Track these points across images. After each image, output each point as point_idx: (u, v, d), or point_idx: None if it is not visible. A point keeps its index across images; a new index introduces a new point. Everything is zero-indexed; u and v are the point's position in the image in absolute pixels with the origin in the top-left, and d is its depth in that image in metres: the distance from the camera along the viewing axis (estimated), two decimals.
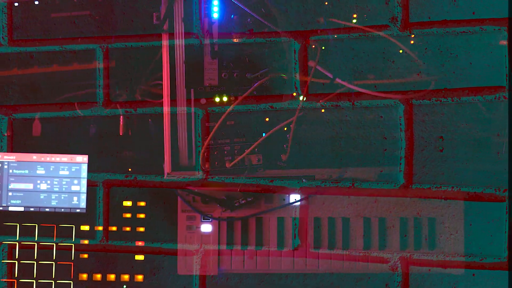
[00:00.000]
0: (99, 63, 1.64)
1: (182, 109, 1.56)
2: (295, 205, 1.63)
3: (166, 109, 1.55)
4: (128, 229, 1.67)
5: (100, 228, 1.66)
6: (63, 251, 1.67)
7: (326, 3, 1.56)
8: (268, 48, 1.57)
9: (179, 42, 1.54)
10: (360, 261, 1.66)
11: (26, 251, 1.67)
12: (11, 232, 1.67)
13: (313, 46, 1.56)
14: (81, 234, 1.67)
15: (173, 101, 1.57)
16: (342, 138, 1.61)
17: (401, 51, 1.57)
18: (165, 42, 1.55)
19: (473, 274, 1.62)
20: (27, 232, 1.67)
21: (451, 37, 1.56)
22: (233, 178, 1.61)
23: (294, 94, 1.58)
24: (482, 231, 1.61)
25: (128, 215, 1.67)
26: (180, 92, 1.56)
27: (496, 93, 1.57)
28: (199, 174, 1.59)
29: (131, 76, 1.67)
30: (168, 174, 1.58)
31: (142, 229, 1.67)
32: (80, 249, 1.67)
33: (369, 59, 1.58)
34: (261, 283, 1.67)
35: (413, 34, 1.56)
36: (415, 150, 1.62)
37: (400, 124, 1.60)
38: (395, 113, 1.60)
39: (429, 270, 1.62)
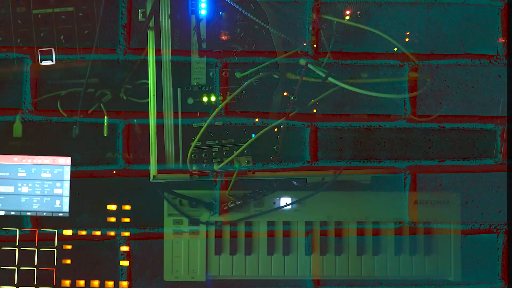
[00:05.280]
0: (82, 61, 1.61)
1: (168, 109, 1.53)
2: None
3: (152, 109, 1.52)
4: (112, 233, 1.64)
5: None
6: (45, 256, 1.63)
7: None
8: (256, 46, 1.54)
9: (165, 40, 1.51)
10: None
11: (7, 256, 1.63)
12: None
13: (305, 44, 1.54)
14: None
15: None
16: (335, 139, 1.58)
17: (396, 49, 1.55)
18: (151, 40, 1.52)
19: None
20: (7, 237, 1.63)
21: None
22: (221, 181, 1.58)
23: (285, 93, 1.55)
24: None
25: (113, 219, 1.64)
26: (166, 91, 1.53)
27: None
28: (187, 177, 1.56)
29: (116, 75, 1.64)
30: (154, 176, 1.55)
31: (127, 233, 1.64)
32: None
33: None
34: None
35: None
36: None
37: (395, 126, 1.58)
38: (389, 113, 1.58)
39: None
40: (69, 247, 1.64)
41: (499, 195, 1.64)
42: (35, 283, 1.63)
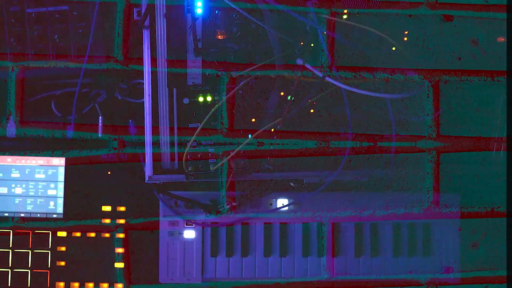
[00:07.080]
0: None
1: (164, 108, 1.52)
2: None
3: (148, 109, 1.51)
4: (107, 235, 1.63)
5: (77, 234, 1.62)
6: (39, 258, 1.62)
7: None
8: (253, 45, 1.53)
9: (161, 38, 1.50)
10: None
11: (1, 258, 1.62)
12: None
13: (302, 43, 1.53)
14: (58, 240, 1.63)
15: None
16: (332, 139, 1.57)
17: (394, 48, 1.55)
18: (146, 39, 1.51)
19: None
20: (1, 239, 1.62)
21: None
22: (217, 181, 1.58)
23: (282, 93, 1.54)
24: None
25: (107, 221, 1.63)
26: (162, 91, 1.52)
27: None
28: (182, 177, 1.55)
29: (112, 75, 1.63)
30: (149, 177, 1.54)
31: (122, 235, 1.63)
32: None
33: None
34: None
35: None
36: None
37: (392, 126, 1.57)
38: (386, 113, 1.57)
39: None
40: (63, 248, 1.63)
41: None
42: (29, 285, 1.62)
